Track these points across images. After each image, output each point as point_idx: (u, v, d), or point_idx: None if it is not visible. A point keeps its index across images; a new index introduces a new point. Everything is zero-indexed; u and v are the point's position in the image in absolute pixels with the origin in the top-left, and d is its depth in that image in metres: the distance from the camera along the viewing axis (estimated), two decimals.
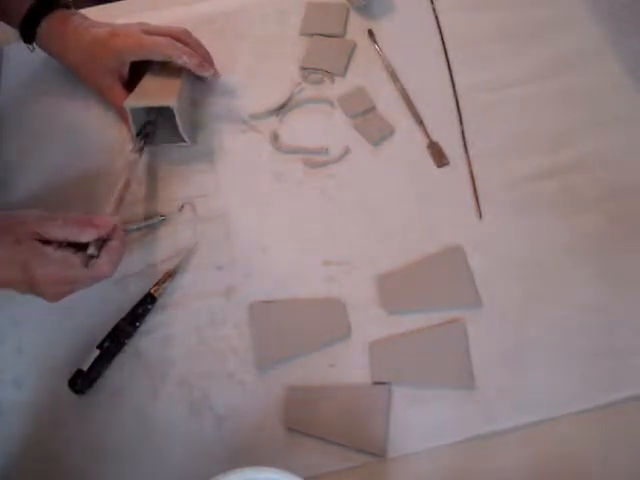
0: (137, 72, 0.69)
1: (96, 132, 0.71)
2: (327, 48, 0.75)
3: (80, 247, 0.54)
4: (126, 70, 0.68)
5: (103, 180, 0.67)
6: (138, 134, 0.66)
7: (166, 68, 0.70)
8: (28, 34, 0.68)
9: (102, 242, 0.55)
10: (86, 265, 0.53)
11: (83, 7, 0.77)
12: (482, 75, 0.72)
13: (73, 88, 0.73)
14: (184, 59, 0.67)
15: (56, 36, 0.68)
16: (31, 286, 0.53)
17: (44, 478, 0.55)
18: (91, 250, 0.53)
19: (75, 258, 0.53)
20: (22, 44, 0.70)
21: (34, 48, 0.70)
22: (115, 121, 0.71)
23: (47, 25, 0.68)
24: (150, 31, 0.68)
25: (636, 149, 0.66)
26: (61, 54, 0.70)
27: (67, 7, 0.70)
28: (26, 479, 0.55)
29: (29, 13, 0.67)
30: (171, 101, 0.64)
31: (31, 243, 0.52)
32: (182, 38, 0.68)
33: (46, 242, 0.52)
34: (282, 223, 0.65)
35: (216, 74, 0.72)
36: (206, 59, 0.70)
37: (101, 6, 0.80)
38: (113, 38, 0.67)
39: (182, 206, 0.66)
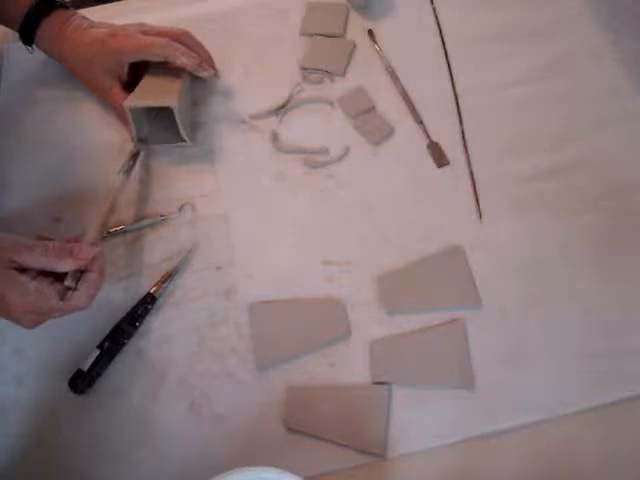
0: (137, 72, 0.69)
1: (96, 133, 0.71)
2: (327, 48, 0.75)
3: (58, 276, 0.53)
4: (125, 71, 0.68)
5: (102, 181, 0.67)
6: (137, 142, 0.66)
7: (166, 68, 0.70)
8: (27, 36, 0.68)
9: (80, 273, 0.53)
10: (62, 298, 0.52)
11: (83, 7, 0.77)
12: (482, 75, 0.72)
13: (73, 88, 0.72)
14: (182, 60, 0.67)
15: (55, 37, 0.68)
16: (7, 313, 0.52)
17: (44, 478, 0.55)
18: (68, 282, 0.52)
19: (51, 290, 0.52)
20: (22, 44, 0.70)
21: (33, 50, 0.70)
22: (115, 122, 0.71)
23: (46, 26, 0.68)
24: (149, 32, 0.68)
25: (636, 148, 0.67)
26: (60, 55, 0.70)
27: (65, 7, 0.69)
28: (26, 479, 0.55)
29: (28, 14, 0.67)
30: (171, 101, 0.64)
31: (6, 272, 0.51)
32: (182, 39, 0.68)
33: (22, 270, 0.51)
34: (282, 223, 0.65)
35: (216, 75, 0.72)
36: (206, 60, 0.70)
37: (101, 6, 0.80)
38: (112, 39, 0.67)
39: (182, 206, 0.66)
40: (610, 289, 0.59)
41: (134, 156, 0.66)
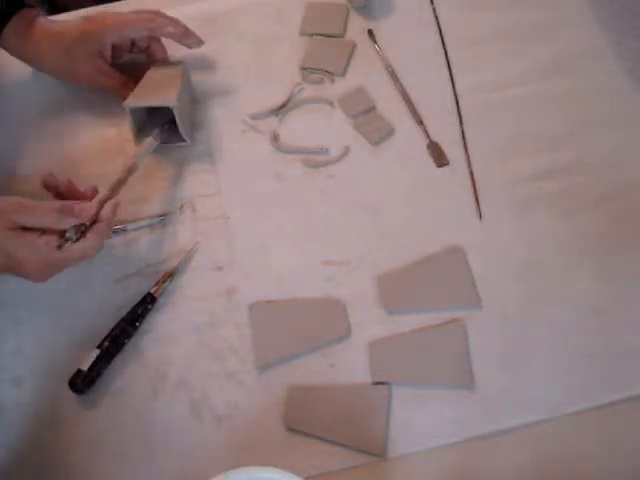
0: (136, 73, 0.69)
1: (95, 132, 0.71)
2: (327, 48, 0.75)
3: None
4: (108, 53, 0.67)
5: (103, 179, 0.67)
6: (139, 130, 0.66)
7: (166, 68, 0.70)
8: None
9: (84, 226, 0.55)
10: (59, 247, 0.53)
11: (83, 7, 0.77)
12: (482, 75, 0.72)
13: (73, 87, 0.72)
14: (169, 29, 0.66)
15: (24, 34, 0.65)
16: (17, 270, 0.54)
17: (44, 478, 0.55)
18: (68, 234, 0.54)
19: (57, 242, 0.54)
20: None
21: None
22: (115, 121, 0.70)
23: (15, 24, 0.65)
24: (123, 13, 0.67)
25: (636, 149, 0.67)
26: (31, 52, 0.67)
27: (32, 7, 0.66)
28: (26, 479, 0.55)
29: None
30: (171, 101, 0.64)
31: (8, 233, 0.52)
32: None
33: (26, 228, 0.53)
34: (282, 223, 0.65)
35: (200, 42, 0.70)
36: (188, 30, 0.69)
37: (101, 6, 0.79)
38: (89, 22, 0.65)
39: (182, 206, 0.66)
40: (610, 289, 0.60)
41: (166, 123, 0.66)
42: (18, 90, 0.74)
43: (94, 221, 0.56)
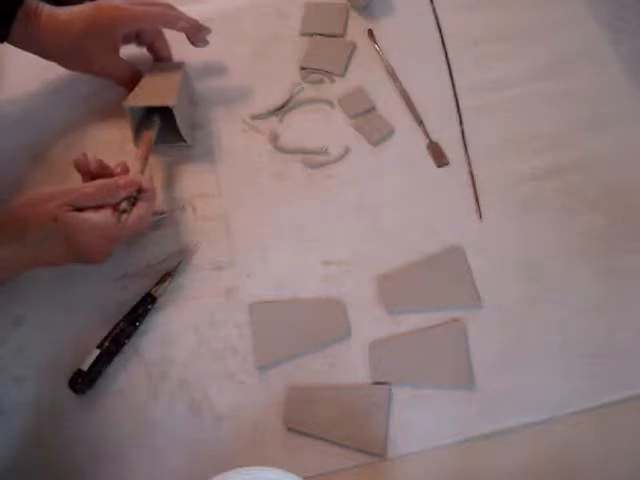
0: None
1: (96, 130, 0.71)
2: (327, 48, 0.75)
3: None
4: (119, 44, 0.66)
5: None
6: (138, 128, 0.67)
7: (165, 68, 0.70)
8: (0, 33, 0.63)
9: (133, 198, 0.58)
10: (118, 220, 0.56)
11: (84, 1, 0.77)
12: (482, 75, 0.72)
13: (73, 86, 0.72)
14: (181, 24, 0.66)
15: (31, 26, 0.63)
16: (77, 255, 0.55)
17: (44, 478, 0.55)
18: (123, 205, 0.57)
19: (115, 217, 0.56)
20: None
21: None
22: (115, 119, 0.70)
23: (20, 17, 0.62)
24: (135, 2, 0.65)
25: (636, 149, 0.67)
26: (39, 43, 0.65)
27: None
28: (26, 479, 0.55)
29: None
30: (170, 101, 0.64)
31: (67, 216, 0.53)
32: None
33: (80, 209, 0.55)
34: (282, 223, 0.65)
35: (206, 42, 0.70)
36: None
37: None
38: (100, 12, 0.64)
39: (182, 206, 0.66)
40: (610, 289, 0.60)
41: (166, 123, 0.67)
42: (19, 88, 0.74)
43: (139, 191, 0.58)
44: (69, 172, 0.60)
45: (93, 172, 0.59)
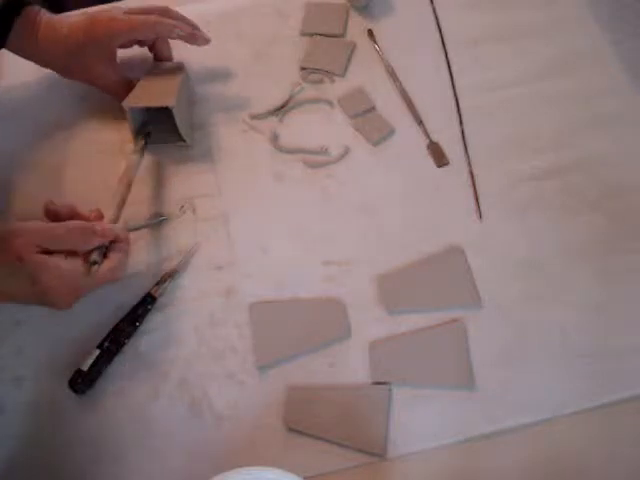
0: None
1: (95, 132, 0.71)
2: (327, 48, 0.75)
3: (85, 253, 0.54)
4: (115, 56, 0.66)
5: (103, 180, 0.67)
6: (137, 134, 0.66)
7: (165, 69, 0.70)
8: None
9: (105, 248, 0.55)
10: (87, 273, 0.53)
11: (83, 7, 0.77)
12: (482, 75, 0.72)
13: (73, 87, 0.72)
14: (176, 32, 0.66)
15: (29, 35, 0.64)
16: (41, 297, 0.53)
17: (44, 478, 0.55)
18: (94, 256, 0.54)
19: (85, 268, 0.53)
20: None
21: None
22: (115, 121, 0.70)
23: (18, 25, 0.63)
24: (131, 12, 0.66)
25: (636, 149, 0.67)
26: (37, 53, 0.66)
27: (31, 4, 0.65)
28: (26, 478, 0.55)
29: None
30: (170, 101, 0.64)
31: (34, 257, 0.51)
32: (167, 15, 0.67)
33: (50, 252, 0.52)
34: (282, 223, 0.65)
35: (206, 40, 0.69)
36: (195, 28, 0.69)
37: (100, 7, 0.79)
38: (95, 25, 0.64)
39: (182, 206, 0.66)
40: (609, 289, 0.60)
41: (146, 135, 0.66)
42: (18, 89, 0.74)
43: (112, 241, 0.56)
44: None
45: (63, 219, 0.56)
